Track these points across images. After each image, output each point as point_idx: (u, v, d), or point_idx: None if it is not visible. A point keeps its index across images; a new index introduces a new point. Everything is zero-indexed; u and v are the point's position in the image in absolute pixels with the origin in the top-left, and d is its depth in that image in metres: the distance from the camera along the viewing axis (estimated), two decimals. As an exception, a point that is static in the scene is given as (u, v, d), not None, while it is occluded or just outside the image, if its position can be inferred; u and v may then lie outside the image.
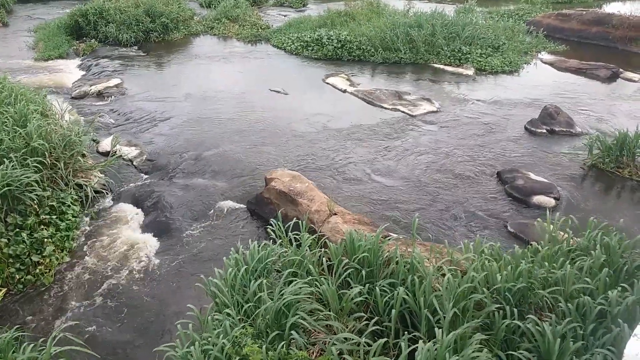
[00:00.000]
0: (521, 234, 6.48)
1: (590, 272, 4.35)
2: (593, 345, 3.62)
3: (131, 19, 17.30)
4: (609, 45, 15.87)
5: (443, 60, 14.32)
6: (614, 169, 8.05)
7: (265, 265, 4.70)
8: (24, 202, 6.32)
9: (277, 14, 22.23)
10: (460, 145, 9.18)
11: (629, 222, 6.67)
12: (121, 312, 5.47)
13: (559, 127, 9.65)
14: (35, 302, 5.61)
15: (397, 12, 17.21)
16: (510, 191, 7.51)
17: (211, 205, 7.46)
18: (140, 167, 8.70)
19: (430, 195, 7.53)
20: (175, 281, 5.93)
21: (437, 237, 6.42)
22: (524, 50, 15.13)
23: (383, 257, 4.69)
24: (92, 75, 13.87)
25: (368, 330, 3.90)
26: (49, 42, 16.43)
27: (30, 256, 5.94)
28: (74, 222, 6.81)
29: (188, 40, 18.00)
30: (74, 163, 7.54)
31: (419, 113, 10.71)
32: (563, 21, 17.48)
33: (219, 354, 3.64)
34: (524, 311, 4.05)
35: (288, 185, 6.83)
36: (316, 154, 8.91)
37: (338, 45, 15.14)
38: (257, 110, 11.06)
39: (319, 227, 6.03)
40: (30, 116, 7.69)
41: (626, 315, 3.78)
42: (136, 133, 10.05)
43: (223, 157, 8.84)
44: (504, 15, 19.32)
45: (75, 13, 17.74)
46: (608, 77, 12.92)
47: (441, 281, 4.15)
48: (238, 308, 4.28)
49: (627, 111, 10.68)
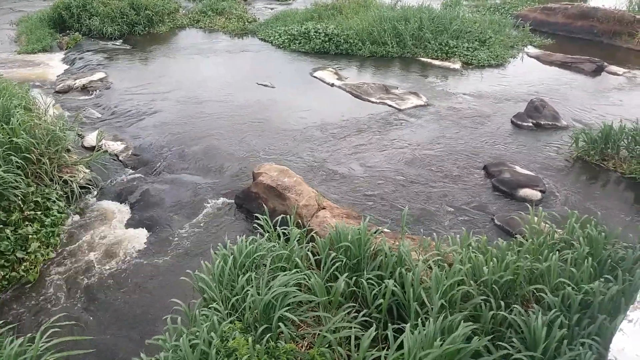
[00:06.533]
0: (507, 227, 6.54)
1: (575, 263, 4.41)
2: (578, 335, 3.68)
3: (115, 12, 17.08)
4: (594, 39, 16.01)
5: (430, 54, 14.35)
6: (599, 161, 8.16)
7: (253, 259, 4.68)
8: (7, 198, 6.23)
9: (263, 6, 22.07)
10: (447, 138, 9.23)
11: (614, 214, 6.79)
12: (108, 308, 5.43)
13: (544, 120, 9.73)
14: (21, 298, 5.55)
15: (385, 6, 17.18)
16: (497, 184, 7.57)
17: (198, 200, 7.42)
18: (126, 162, 8.61)
19: (418, 189, 7.56)
20: (162, 276, 5.90)
21: (425, 230, 6.46)
22: (510, 44, 15.22)
23: (370, 250, 4.71)
24: (76, 69, 13.67)
25: (356, 321, 3.92)
26: (32, 35, 16.15)
27: (15, 253, 5.87)
28: (59, 218, 6.72)
29: (174, 33, 17.81)
30: (59, 158, 7.45)
31: (407, 107, 10.73)
32: (548, 15, 17.59)
33: (206, 347, 3.64)
34: (510, 303, 4.10)
35: (276, 180, 6.81)
36: (304, 148, 8.89)
37: (325, 38, 15.08)
38: (244, 104, 11.00)
39: (308, 221, 6.03)
40: (13, 111, 7.56)
41: (610, 305, 3.85)
42: (122, 127, 9.94)
43: (210, 152, 8.78)
44: (490, 8, 19.39)
45: (58, 5, 17.47)
46: (593, 71, 13.06)
47: (429, 274, 4.18)
48: (226, 303, 4.27)
49: (611, 104, 10.81)
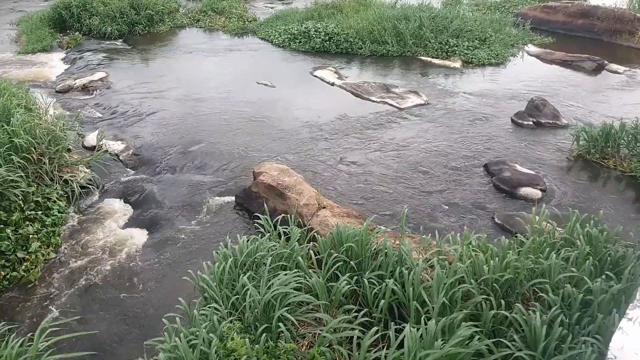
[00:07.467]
0: (508, 226, 6.54)
1: (576, 262, 4.41)
2: (578, 334, 3.68)
3: (116, 12, 17.06)
4: (594, 37, 15.97)
5: (430, 53, 14.32)
6: (599, 159, 8.15)
7: (254, 259, 4.68)
8: (8, 198, 6.23)
9: (263, 6, 22.05)
10: (448, 137, 9.22)
11: (614, 212, 6.79)
12: (109, 308, 5.44)
13: (545, 119, 9.72)
14: (22, 298, 5.55)
15: (385, 5, 17.16)
16: (497, 183, 7.56)
17: (199, 199, 7.42)
18: (127, 161, 8.61)
19: (418, 188, 7.56)
20: (163, 275, 5.90)
21: (426, 229, 6.45)
22: (510, 43, 15.19)
23: (371, 249, 4.71)
24: (77, 69, 13.67)
25: (357, 322, 3.92)
26: (32, 35, 16.14)
27: (16, 252, 5.88)
28: (60, 218, 6.73)
29: (174, 32, 17.79)
30: (59, 158, 7.45)
31: (407, 106, 10.72)
32: (549, 13, 17.55)
33: (206, 347, 3.64)
34: (511, 301, 4.09)
35: (276, 179, 6.81)
36: (304, 148, 8.88)
37: (325, 37, 15.06)
38: (244, 104, 10.99)
39: (308, 220, 6.03)
40: (14, 110, 7.57)
41: (611, 303, 3.85)
42: (122, 127, 9.94)
43: (210, 151, 8.79)
44: (490, 7, 19.37)
45: (58, 5, 17.45)
46: (593, 69, 13.03)
47: (430, 273, 4.18)
48: (227, 302, 4.27)
49: (612, 103, 10.79)
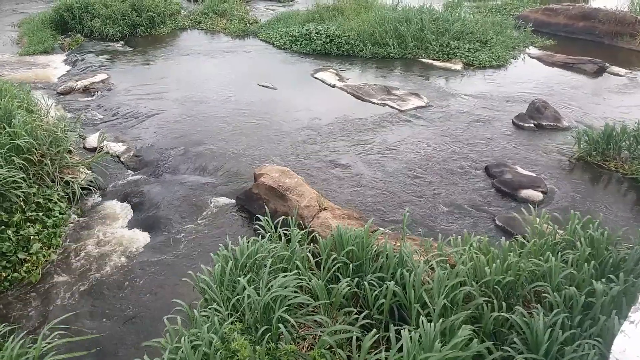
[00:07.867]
0: (509, 228, 6.53)
1: (577, 264, 4.40)
2: (580, 336, 3.67)
3: (117, 13, 17.08)
4: (595, 40, 15.97)
5: (431, 55, 14.33)
6: (601, 162, 8.14)
7: (254, 260, 4.68)
8: (9, 199, 6.24)
9: (265, 8, 22.08)
10: (449, 139, 9.22)
11: (615, 214, 6.79)
12: (110, 309, 5.43)
13: (546, 121, 9.72)
14: (23, 299, 5.55)
15: (386, 7, 17.18)
16: (498, 185, 7.56)
17: (200, 201, 7.42)
18: (128, 163, 8.62)
19: (419, 190, 7.56)
20: (164, 277, 5.90)
21: (426, 231, 6.45)
22: (511, 45, 15.19)
23: (372, 251, 4.70)
24: (78, 71, 13.69)
25: (358, 324, 3.91)
26: (34, 37, 16.16)
27: (17, 254, 5.88)
28: (61, 219, 6.74)
29: (175, 34, 17.82)
30: (61, 159, 7.46)
31: (408, 108, 10.72)
32: (550, 16, 17.57)
33: (208, 349, 3.63)
34: (512, 303, 4.09)
35: (277, 181, 6.81)
36: (305, 149, 8.89)
37: (327, 40, 15.08)
38: (245, 106, 11.00)
39: (309, 222, 6.03)
40: (15, 112, 7.58)
41: (612, 306, 3.83)
42: (123, 129, 9.95)
43: (211, 153, 8.79)
44: (492, 9, 19.38)
45: (60, 7, 17.46)
46: (595, 72, 13.03)
47: (431, 275, 4.18)
48: (227, 304, 4.27)
49: (613, 105, 10.78)
